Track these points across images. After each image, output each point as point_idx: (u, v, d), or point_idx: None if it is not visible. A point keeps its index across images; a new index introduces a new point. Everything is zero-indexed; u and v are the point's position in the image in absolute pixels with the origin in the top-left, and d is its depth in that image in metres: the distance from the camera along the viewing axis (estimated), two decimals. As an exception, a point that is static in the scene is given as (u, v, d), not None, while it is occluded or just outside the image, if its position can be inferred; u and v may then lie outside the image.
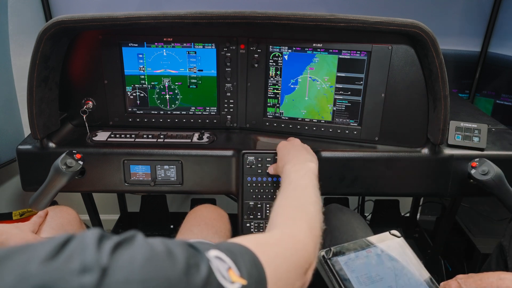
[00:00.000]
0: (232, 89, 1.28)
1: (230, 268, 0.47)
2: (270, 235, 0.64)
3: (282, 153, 1.02)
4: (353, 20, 1.04)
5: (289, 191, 0.82)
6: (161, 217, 1.99)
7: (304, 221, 0.70)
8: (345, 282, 0.83)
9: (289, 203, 0.77)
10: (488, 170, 1.07)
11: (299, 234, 0.66)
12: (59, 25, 1.03)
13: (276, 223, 0.70)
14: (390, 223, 2.03)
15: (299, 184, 0.84)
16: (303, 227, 0.68)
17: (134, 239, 0.42)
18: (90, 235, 0.40)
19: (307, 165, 0.92)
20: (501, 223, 1.64)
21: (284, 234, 0.65)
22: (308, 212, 0.74)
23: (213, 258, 0.47)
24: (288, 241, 0.63)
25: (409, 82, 1.14)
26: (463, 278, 0.89)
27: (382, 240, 0.94)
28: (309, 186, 0.83)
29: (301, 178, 0.87)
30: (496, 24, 1.81)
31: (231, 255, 0.49)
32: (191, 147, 1.19)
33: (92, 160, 1.16)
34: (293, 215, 0.72)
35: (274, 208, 0.76)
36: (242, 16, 1.06)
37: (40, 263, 0.36)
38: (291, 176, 0.88)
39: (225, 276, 0.46)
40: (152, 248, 0.42)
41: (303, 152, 0.98)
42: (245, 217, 1.19)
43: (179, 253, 0.44)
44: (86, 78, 1.25)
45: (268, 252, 0.56)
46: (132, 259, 0.39)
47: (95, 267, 0.37)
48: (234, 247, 0.52)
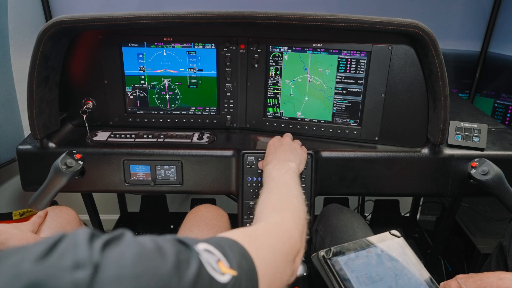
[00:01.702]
0: (232, 89, 1.28)
1: (219, 260, 0.48)
2: (256, 227, 0.66)
3: (268, 152, 1.06)
4: (353, 20, 1.04)
5: (271, 187, 0.85)
6: (161, 217, 1.99)
7: (288, 212, 0.73)
8: (345, 282, 0.83)
9: (272, 197, 0.80)
10: (488, 170, 1.07)
11: (284, 223, 0.69)
12: (59, 25, 1.03)
13: (260, 216, 0.73)
14: (390, 223, 2.03)
15: (280, 180, 0.88)
16: (286, 216, 0.71)
17: (122, 237, 0.43)
18: (81, 234, 0.41)
19: (287, 164, 0.95)
20: (501, 223, 1.64)
21: (269, 224, 0.68)
22: (291, 203, 0.77)
23: (202, 252, 0.48)
24: (274, 231, 0.65)
25: (409, 82, 1.14)
26: (463, 278, 0.89)
27: (382, 240, 0.94)
28: (290, 182, 0.87)
29: (282, 175, 0.90)
30: (496, 24, 1.81)
31: (219, 248, 0.50)
32: (191, 147, 1.19)
33: (92, 160, 1.16)
34: (276, 206, 0.75)
35: (258, 204, 0.79)
36: (242, 16, 1.06)
37: (33, 261, 0.36)
38: (272, 174, 0.92)
39: (215, 268, 0.46)
40: (141, 245, 0.43)
41: (287, 152, 1.02)
42: (245, 217, 1.19)
43: (169, 249, 0.44)
44: (86, 78, 1.25)
45: (255, 242, 0.57)
46: (122, 255, 0.40)
47: (87, 263, 0.37)
48: (222, 240, 0.53)
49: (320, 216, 1.18)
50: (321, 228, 1.13)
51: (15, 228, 1.01)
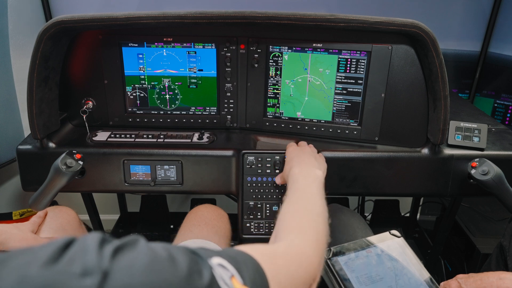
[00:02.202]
0: (232, 89, 1.28)
1: (233, 276, 0.47)
2: (276, 247, 0.64)
3: (291, 156, 1.00)
4: (353, 20, 1.04)
5: (296, 198, 0.81)
6: (161, 217, 1.99)
7: (312, 234, 0.69)
8: (345, 282, 0.83)
9: (297, 213, 0.76)
10: (488, 170, 1.07)
11: (306, 248, 0.65)
12: (59, 25, 1.03)
13: (283, 233, 0.70)
14: (390, 223, 2.03)
15: (306, 192, 0.83)
16: (310, 240, 0.67)
17: (136, 244, 0.42)
18: (91, 239, 0.40)
19: (314, 172, 0.90)
20: (501, 223, 1.64)
21: (291, 247, 0.64)
22: (316, 224, 0.73)
23: (216, 266, 0.46)
24: (295, 255, 0.62)
25: (409, 82, 1.14)
26: (463, 278, 0.89)
27: (382, 240, 0.94)
28: (317, 195, 0.82)
29: (309, 185, 0.85)
30: (496, 24, 1.81)
31: (234, 262, 0.49)
32: (191, 147, 1.19)
33: (92, 160, 1.16)
34: (300, 226, 0.71)
35: (282, 215, 0.75)
36: (242, 16, 1.06)
37: (41, 266, 0.35)
38: (299, 181, 0.87)
39: (228, 283, 0.45)
40: (154, 253, 0.41)
41: (312, 159, 0.98)
42: (245, 217, 1.19)
43: (182, 259, 0.43)
44: (86, 78, 1.25)
45: (274, 263, 0.55)
46: (133, 263, 0.39)
47: (96, 271, 0.36)
48: (238, 255, 0.52)
49: (320, 216, 1.18)
50: (321, 228, 1.12)
51: (15, 228, 1.01)
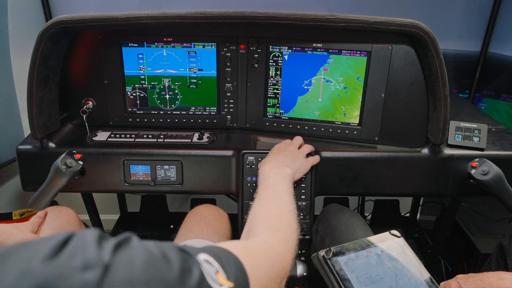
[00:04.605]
0: (232, 89, 1.28)
1: (218, 271, 0.50)
2: (253, 243, 0.69)
3: (271, 151, 1.09)
4: (353, 20, 1.04)
5: (268, 195, 0.87)
6: (161, 217, 1.99)
7: (285, 233, 0.76)
8: (345, 282, 0.83)
9: (269, 210, 0.82)
10: (488, 170, 1.07)
11: (280, 245, 0.72)
12: (59, 25, 1.03)
13: (257, 230, 0.76)
14: (390, 223, 2.03)
15: (277, 190, 0.89)
16: (282, 238, 0.74)
17: (130, 241, 0.43)
18: (89, 234, 0.41)
19: (284, 170, 0.97)
20: (501, 223, 1.64)
21: (267, 244, 0.70)
22: (288, 221, 0.80)
23: (202, 262, 0.49)
24: (270, 252, 0.68)
25: (409, 82, 1.14)
26: (463, 278, 0.88)
27: (382, 240, 0.94)
28: (287, 194, 0.88)
29: (279, 183, 0.91)
30: (496, 24, 1.81)
31: (218, 259, 0.52)
32: (191, 147, 1.19)
33: (92, 160, 1.16)
34: (274, 224, 0.77)
35: (254, 212, 0.81)
36: (242, 16, 1.06)
37: (42, 261, 0.36)
38: (270, 179, 0.93)
39: (214, 279, 0.48)
40: (149, 251, 0.43)
41: (287, 158, 1.03)
42: (245, 217, 1.19)
43: (174, 257, 0.45)
44: (86, 78, 1.25)
45: (252, 259, 0.59)
46: (132, 259, 0.40)
47: (97, 264, 0.37)
48: (220, 251, 0.55)
49: (320, 216, 1.18)
50: (321, 228, 1.13)
51: (15, 228, 1.01)
